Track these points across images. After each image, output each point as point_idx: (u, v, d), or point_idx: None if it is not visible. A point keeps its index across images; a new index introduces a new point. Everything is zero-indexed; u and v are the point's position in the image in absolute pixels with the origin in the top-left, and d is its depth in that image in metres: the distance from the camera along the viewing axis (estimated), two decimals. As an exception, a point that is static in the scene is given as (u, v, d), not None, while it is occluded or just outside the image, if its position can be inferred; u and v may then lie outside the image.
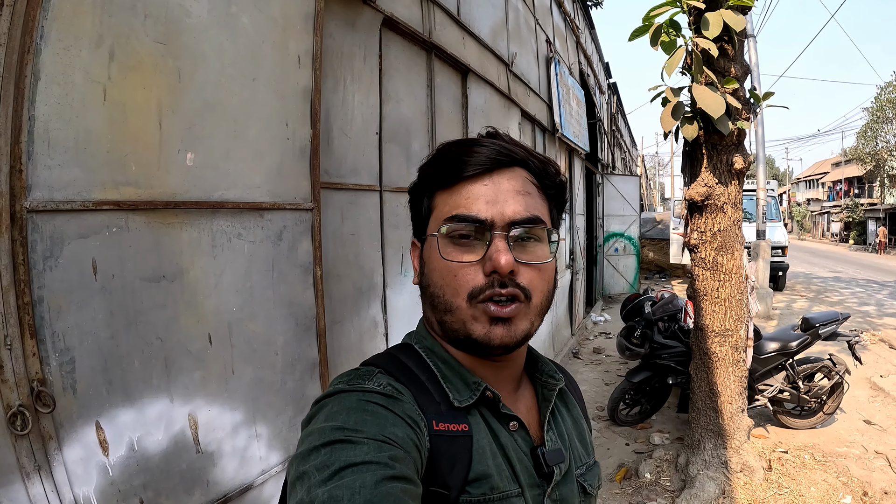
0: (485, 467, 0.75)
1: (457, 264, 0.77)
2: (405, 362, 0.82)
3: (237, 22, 1.83)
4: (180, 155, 1.65)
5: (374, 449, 0.62)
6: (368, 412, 0.68)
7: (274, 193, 1.96)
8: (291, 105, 2.03)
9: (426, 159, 0.86)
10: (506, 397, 0.84)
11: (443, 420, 0.76)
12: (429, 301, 0.83)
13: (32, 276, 1.33)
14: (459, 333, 0.78)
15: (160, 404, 1.62)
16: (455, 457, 0.74)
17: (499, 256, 0.74)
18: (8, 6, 1.26)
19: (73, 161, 1.40)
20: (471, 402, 0.79)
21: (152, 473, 1.59)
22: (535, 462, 0.82)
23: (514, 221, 0.77)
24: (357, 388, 0.73)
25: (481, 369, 0.83)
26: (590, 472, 0.92)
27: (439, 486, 0.72)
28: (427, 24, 3.25)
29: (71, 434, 1.41)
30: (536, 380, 0.93)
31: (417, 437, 0.70)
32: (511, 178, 0.80)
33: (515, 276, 0.76)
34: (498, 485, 0.75)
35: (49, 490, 1.35)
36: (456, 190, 0.80)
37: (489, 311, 0.75)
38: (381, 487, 0.57)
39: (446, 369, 0.82)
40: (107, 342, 1.48)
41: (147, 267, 1.58)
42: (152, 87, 1.57)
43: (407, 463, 0.64)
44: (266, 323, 1.95)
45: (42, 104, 1.34)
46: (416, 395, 0.77)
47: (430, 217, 0.84)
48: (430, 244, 0.82)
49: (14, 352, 1.30)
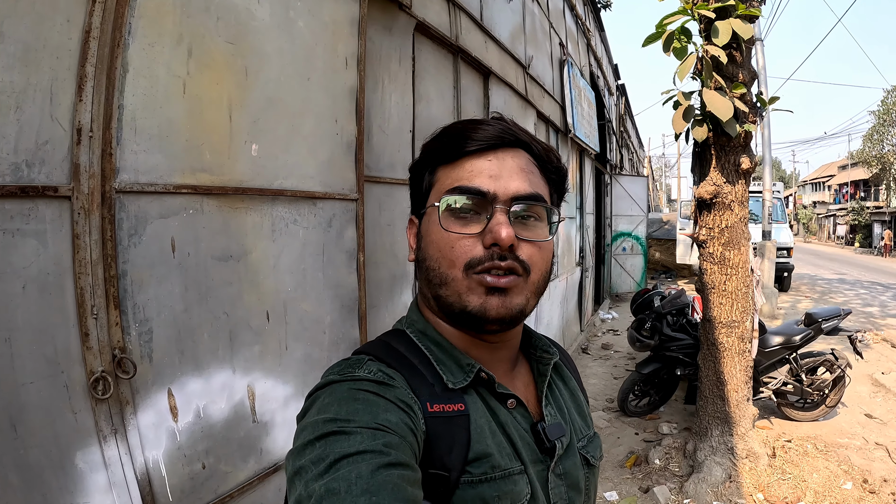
0: (484, 446, 0.74)
1: (455, 235, 0.76)
2: (396, 347, 0.81)
3: (294, 26, 2.02)
4: (247, 146, 1.83)
5: (368, 437, 0.61)
6: (360, 401, 0.67)
7: (325, 184, 2.14)
8: (340, 103, 2.22)
9: (429, 137, 0.85)
10: (501, 377, 0.83)
11: (437, 401, 0.75)
12: (424, 275, 0.82)
13: (118, 251, 1.46)
14: (455, 307, 0.77)
15: (224, 375, 1.77)
16: (453, 437, 0.73)
17: (500, 229, 0.73)
18: (100, 3, 1.39)
19: (156, 147, 1.55)
20: (465, 383, 0.78)
21: (214, 440, 1.73)
22: (537, 438, 0.82)
23: (516, 196, 0.76)
24: (348, 378, 0.72)
25: (476, 351, 0.82)
26: (591, 444, 0.92)
27: (439, 468, 0.71)
28: (454, 29, 3.45)
29: (146, 400, 1.54)
30: (531, 355, 0.93)
31: (412, 421, 0.69)
32: (515, 156, 0.80)
33: (515, 251, 0.75)
34: (499, 463, 0.75)
35: (123, 453, 1.47)
36: (459, 164, 0.79)
37: (485, 282, 0.74)
38: (377, 476, 0.57)
39: (439, 352, 0.81)
40: (181, 315, 1.63)
41: (217, 247, 1.74)
42: (224, 83, 1.74)
43: (403, 448, 0.63)
44: (316, 303, 2.12)
45: (130, 94, 1.48)
46: (409, 379, 0.76)
47: (430, 191, 0.83)
48: (429, 216, 0.81)
49: (99, 321, 1.42)
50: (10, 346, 1.25)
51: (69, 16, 1.35)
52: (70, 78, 1.35)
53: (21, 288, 1.27)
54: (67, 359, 1.36)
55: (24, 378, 1.27)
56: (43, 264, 1.31)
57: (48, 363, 1.32)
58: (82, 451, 1.38)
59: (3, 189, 1.22)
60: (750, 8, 3.49)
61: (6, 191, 1.23)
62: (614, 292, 13.30)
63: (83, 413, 1.38)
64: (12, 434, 1.24)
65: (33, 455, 1.28)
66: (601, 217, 11.98)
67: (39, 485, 1.29)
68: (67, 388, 1.36)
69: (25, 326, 1.28)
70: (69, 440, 1.35)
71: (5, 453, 1.23)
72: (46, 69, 1.30)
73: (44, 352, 1.32)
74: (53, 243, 1.34)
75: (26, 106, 1.26)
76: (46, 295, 1.32)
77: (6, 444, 1.23)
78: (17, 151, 1.25)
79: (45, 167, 1.31)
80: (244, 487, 1.81)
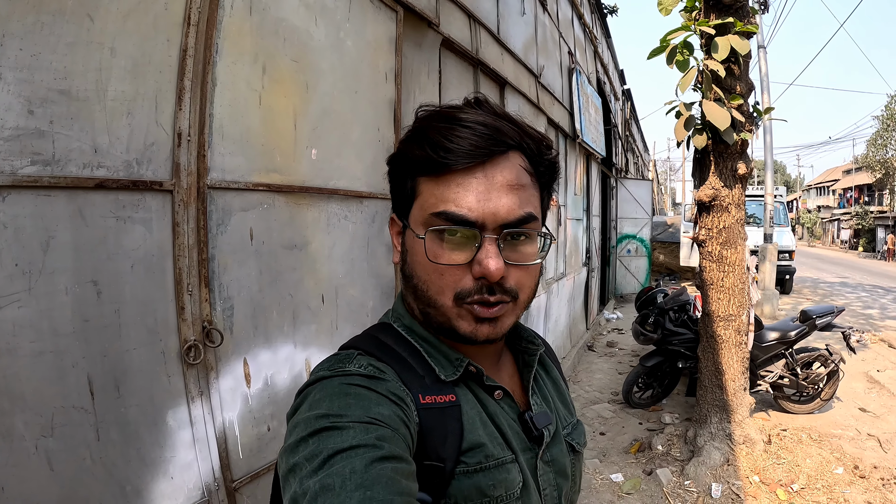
0: (477, 436, 0.75)
1: (443, 266, 0.74)
2: (385, 341, 0.81)
3: (344, 45, 2.30)
4: (308, 150, 2.10)
5: (361, 432, 0.61)
6: (352, 395, 0.67)
7: (369, 185, 2.43)
8: (381, 113, 2.51)
9: (407, 133, 0.80)
10: (488, 369, 0.83)
11: (429, 393, 0.75)
12: (411, 290, 0.80)
13: (209, 238, 1.68)
14: (444, 326, 0.77)
15: (287, 348, 2.01)
16: (446, 428, 0.73)
17: (488, 263, 0.71)
18: (193, 25, 1.61)
19: (239, 151, 1.79)
20: (455, 377, 0.78)
21: (278, 405, 1.96)
22: (524, 427, 0.82)
23: (506, 224, 0.73)
24: (338, 373, 0.72)
25: (463, 347, 0.81)
26: (576, 431, 0.93)
27: (434, 459, 0.71)
28: (474, 43, 3.74)
29: (226, 367, 1.75)
30: (516, 347, 0.93)
31: (405, 414, 0.69)
32: (504, 168, 0.74)
33: (504, 282, 0.74)
34: (492, 452, 0.75)
35: (206, 413, 1.65)
36: (443, 180, 0.73)
37: (475, 312, 0.74)
38: (371, 470, 0.57)
39: (428, 346, 0.81)
40: (256, 294, 1.87)
41: (285, 237, 2.00)
42: (290, 96, 2.01)
43: (396, 441, 0.63)
44: (361, 289, 2.39)
45: (218, 105, 1.71)
46: (400, 372, 0.75)
47: (413, 200, 0.78)
48: (413, 236, 0.77)
49: (193, 297, 1.63)
50: (118, 316, 1.43)
51: (168, 36, 1.55)
52: (171, 90, 1.55)
53: (130, 267, 1.46)
54: (165, 329, 1.55)
55: (128, 345, 1.45)
56: (149, 247, 1.51)
57: (149, 332, 1.51)
58: (173, 410, 1.56)
59: (118, 182, 1.42)
60: (747, 25, 3.80)
61: (120, 184, 1.42)
62: (619, 293, 13.52)
63: (175, 377, 1.57)
64: (115, 394, 1.42)
65: (132, 413, 1.45)
66: (607, 219, 12.16)
67: (135, 440, 1.46)
68: (164, 355, 1.55)
69: (132, 300, 1.46)
70: (162, 400, 1.54)
71: (109, 411, 1.40)
72: (151, 82, 1.50)
73: (146, 322, 1.50)
74: (157, 230, 1.53)
75: (136, 112, 1.46)
76: (151, 274, 1.52)
77: (110, 402, 1.40)
78: (129, 150, 1.45)
79: (151, 165, 1.51)
80: (299, 451, 2.07)
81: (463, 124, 0.73)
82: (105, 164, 1.40)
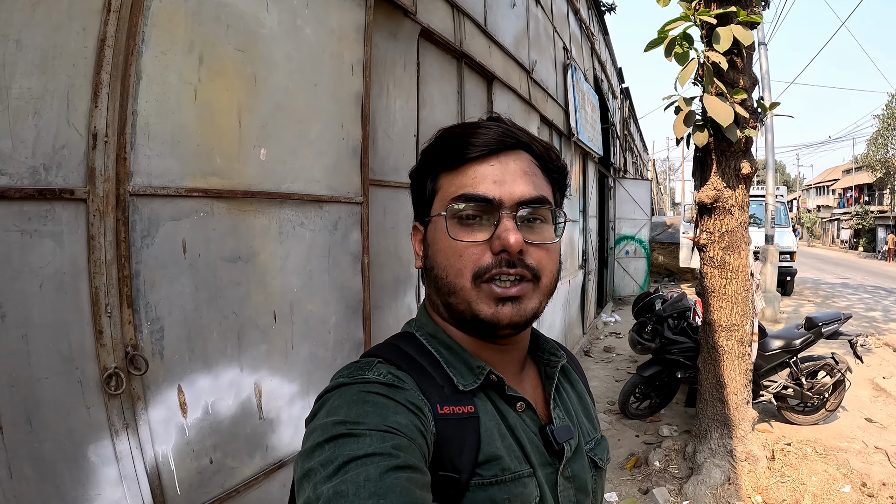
0: (494, 449, 0.74)
1: (463, 244, 0.76)
2: (405, 350, 0.81)
3: (302, 33, 2.06)
4: (255, 150, 1.87)
5: (378, 440, 0.61)
6: (370, 403, 0.67)
7: (331, 188, 2.19)
8: (346, 109, 2.27)
9: (428, 142, 0.85)
10: (510, 379, 0.83)
11: (447, 403, 0.75)
12: (433, 284, 0.82)
13: (132, 252, 1.50)
14: (466, 314, 0.77)
15: (232, 372, 1.81)
16: (463, 439, 0.73)
17: (508, 235, 0.73)
18: (114, 12, 1.43)
19: (168, 152, 1.60)
20: (475, 385, 0.78)
21: (222, 436, 1.77)
22: (545, 441, 0.82)
23: (522, 201, 0.76)
24: (358, 380, 0.72)
25: (485, 353, 0.82)
26: (598, 447, 0.93)
27: (449, 470, 0.71)
28: (458, 35, 3.49)
29: (156, 396, 1.58)
30: (539, 358, 0.92)
31: (422, 423, 0.69)
32: (517, 159, 0.79)
33: (524, 256, 0.75)
34: (509, 466, 0.75)
35: (134, 447, 1.50)
36: (462, 171, 0.79)
37: (495, 293, 0.75)
38: (385, 479, 0.57)
39: (449, 354, 0.81)
40: (192, 314, 1.67)
41: (227, 249, 1.79)
42: (233, 90, 1.79)
43: (412, 451, 0.63)
44: (321, 304, 2.17)
45: (143, 101, 1.52)
46: (419, 382, 0.76)
47: (434, 199, 0.83)
48: (435, 225, 0.81)
49: (113, 319, 1.45)
50: (26, 342, 1.28)
51: (84, 25, 1.38)
52: (86, 85, 1.39)
53: (38, 287, 1.31)
54: (82, 355, 1.40)
55: (39, 374, 1.30)
56: (59, 264, 1.35)
57: (63, 360, 1.36)
58: (95, 444, 1.41)
59: (21, 191, 1.26)
60: (751, 14, 3.54)
61: (24, 193, 1.27)
62: (617, 295, 13.33)
63: (96, 408, 1.42)
64: (27, 428, 1.28)
65: (47, 448, 1.32)
66: (604, 220, 12.00)
67: (52, 477, 1.32)
68: (81, 384, 1.39)
69: (42, 324, 1.31)
70: (82, 434, 1.39)
71: (21, 446, 1.27)
72: (63, 76, 1.34)
73: (59, 348, 1.35)
74: (69, 244, 1.37)
75: (44, 111, 1.30)
76: (62, 294, 1.36)
77: (22, 437, 1.27)
78: (35, 155, 1.29)
79: (61, 171, 1.35)
80: (250, 483, 1.85)
81: (478, 126, 0.81)
82: (7, 172, 1.25)
